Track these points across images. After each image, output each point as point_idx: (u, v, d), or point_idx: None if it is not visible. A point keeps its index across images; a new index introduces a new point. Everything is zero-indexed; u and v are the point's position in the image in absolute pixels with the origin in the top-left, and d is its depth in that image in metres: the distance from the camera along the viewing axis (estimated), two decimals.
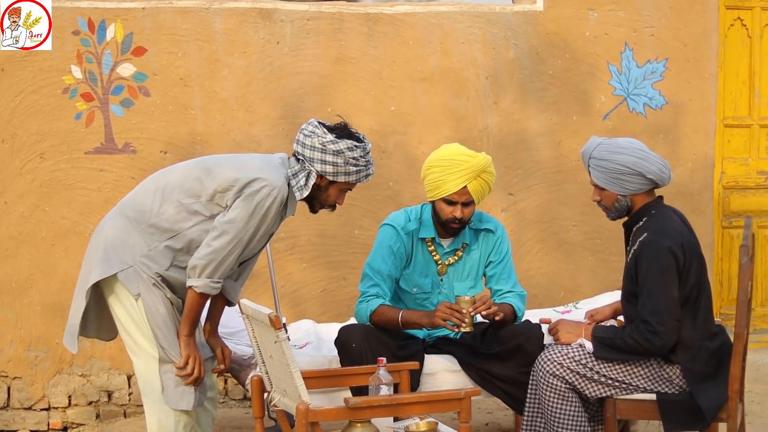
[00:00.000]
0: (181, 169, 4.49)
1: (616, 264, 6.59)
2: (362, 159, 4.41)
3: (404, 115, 6.46)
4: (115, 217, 4.45)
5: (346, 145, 4.37)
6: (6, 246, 6.24)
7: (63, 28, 6.19)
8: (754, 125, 6.96)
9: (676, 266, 4.39)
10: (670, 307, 4.38)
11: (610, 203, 4.59)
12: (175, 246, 4.37)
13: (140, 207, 4.41)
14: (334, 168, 4.39)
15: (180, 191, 4.39)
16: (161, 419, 4.40)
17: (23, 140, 6.23)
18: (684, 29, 6.67)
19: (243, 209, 4.30)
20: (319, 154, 4.38)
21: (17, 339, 6.27)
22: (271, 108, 6.38)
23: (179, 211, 4.37)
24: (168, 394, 4.37)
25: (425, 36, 6.47)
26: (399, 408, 4.18)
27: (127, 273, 4.35)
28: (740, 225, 6.90)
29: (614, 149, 4.53)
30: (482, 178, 4.89)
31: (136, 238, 4.38)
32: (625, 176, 4.50)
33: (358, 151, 4.40)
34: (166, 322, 4.37)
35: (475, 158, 4.88)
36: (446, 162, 4.89)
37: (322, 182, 4.44)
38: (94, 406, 6.35)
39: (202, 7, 6.31)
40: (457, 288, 5.05)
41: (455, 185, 4.85)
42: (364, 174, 4.46)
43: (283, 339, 4.02)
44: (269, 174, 4.33)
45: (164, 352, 4.36)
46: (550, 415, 4.55)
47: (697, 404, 4.42)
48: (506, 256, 5.09)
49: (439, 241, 5.03)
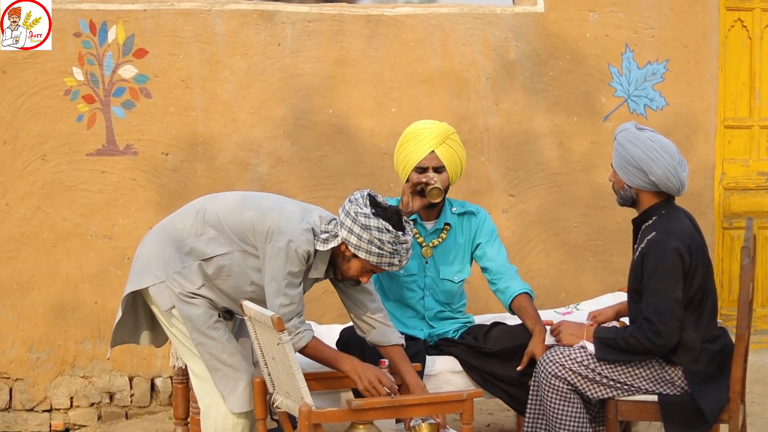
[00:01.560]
0: (228, 199, 4.54)
1: (618, 265, 6.60)
2: (389, 245, 4.30)
3: (405, 117, 6.46)
4: (157, 231, 4.55)
5: (377, 224, 4.29)
6: (8, 248, 6.25)
7: (64, 30, 6.20)
8: (755, 126, 6.97)
9: (681, 267, 4.39)
10: (672, 308, 4.38)
11: (618, 187, 4.62)
12: (207, 270, 4.44)
13: (181, 225, 4.48)
14: (358, 241, 4.31)
15: (219, 219, 4.43)
16: (219, 425, 4.46)
17: (25, 142, 6.24)
18: (684, 30, 6.68)
19: (275, 258, 4.33)
20: (349, 222, 4.33)
21: (19, 340, 6.28)
22: (272, 110, 6.38)
23: (215, 238, 4.42)
24: (229, 399, 4.43)
25: (426, 38, 6.47)
26: (401, 410, 4.19)
27: (159, 288, 4.43)
28: (741, 226, 6.91)
29: (632, 139, 4.52)
30: (448, 144, 4.92)
31: (172, 254, 4.44)
32: (630, 168, 4.51)
33: (388, 236, 4.29)
34: (208, 324, 4.42)
35: (437, 125, 4.97)
36: (410, 135, 4.96)
37: (347, 252, 4.39)
38: (96, 407, 6.35)
39: (204, 9, 6.31)
40: (443, 271, 5.04)
41: (423, 151, 4.89)
42: (386, 261, 4.35)
43: (285, 341, 4.03)
44: (295, 227, 4.33)
45: (214, 359, 4.41)
46: (551, 416, 4.56)
47: (698, 406, 4.42)
48: (493, 234, 5.08)
49: (421, 222, 5.05)
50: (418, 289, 5.04)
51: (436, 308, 5.06)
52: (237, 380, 4.43)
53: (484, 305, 6.35)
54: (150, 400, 6.38)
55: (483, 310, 6.24)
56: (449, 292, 5.07)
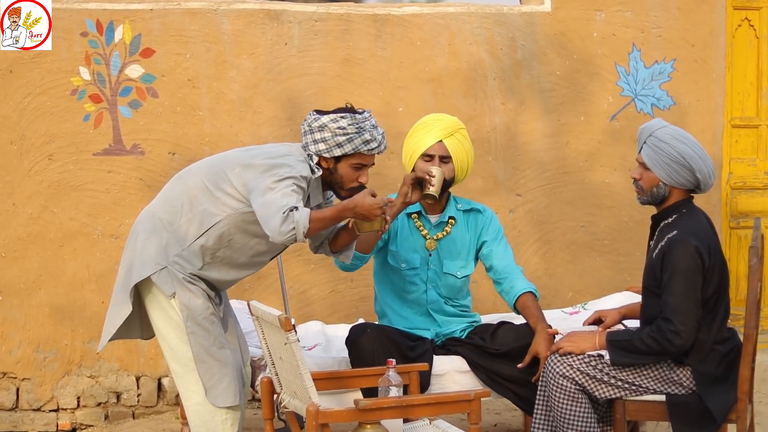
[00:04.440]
0: (203, 163, 4.54)
1: (625, 264, 6.59)
2: (350, 127, 4.39)
3: (412, 116, 6.44)
4: (146, 219, 4.51)
5: (329, 118, 4.40)
6: (14, 247, 6.25)
7: (71, 29, 6.20)
8: (762, 126, 6.96)
9: (702, 267, 4.36)
10: (692, 307, 4.35)
11: (649, 186, 4.51)
12: (207, 243, 4.43)
13: (170, 208, 4.46)
14: (325, 144, 4.40)
15: (205, 184, 4.42)
16: (207, 421, 4.43)
17: (31, 142, 6.24)
18: (691, 30, 6.67)
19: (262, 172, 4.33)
20: (309, 136, 4.44)
21: (26, 340, 6.28)
22: (279, 109, 6.38)
23: (206, 208, 4.41)
24: (212, 393, 4.41)
25: (433, 37, 6.47)
26: (408, 409, 4.18)
27: (161, 274, 4.41)
28: (747, 225, 6.90)
29: (679, 137, 4.46)
30: (457, 137, 4.95)
31: (169, 238, 4.43)
32: (678, 166, 4.44)
33: (344, 121, 4.39)
34: (204, 315, 4.42)
35: (448, 117, 5.03)
36: (421, 125, 5.00)
37: (329, 164, 4.45)
38: (103, 407, 6.36)
39: (210, 9, 6.31)
40: (446, 265, 5.03)
41: (432, 140, 4.92)
42: (359, 141, 4.42)
43: (293, 341, 4.03)
44: (291, 158, 4.38)
45: (203, 350, 4.40)
46: (559, 416, 4.55)
47: (706, 406, 4.41)
48: (499, 233, 5.08)
49: (425, 215, 5.05)
50: (420, 282, 5.03)
51: (439, 301, 5.05)
52: (222, 374, 4.42)
53: (491, 305, 6.34)
54: (157, 400, 6.39)
55: (490, 309, 6.23)
56: (452, 287, 5.06)
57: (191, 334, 4.41)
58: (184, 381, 4.47)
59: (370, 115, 4.51)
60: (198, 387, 4.43)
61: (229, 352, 4.47)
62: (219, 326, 4.49)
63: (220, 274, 4.49)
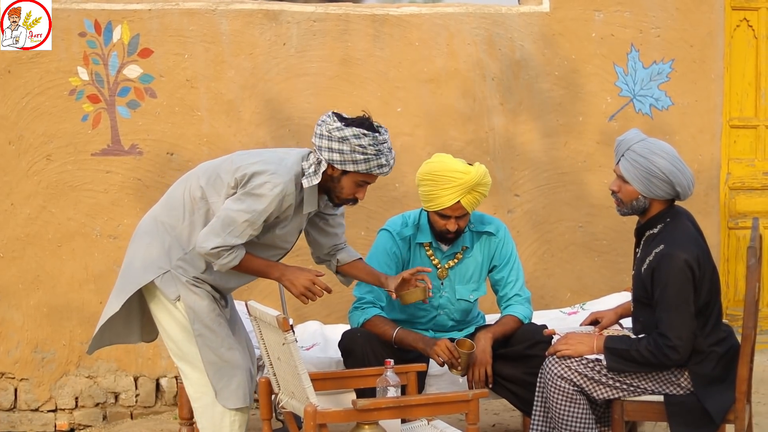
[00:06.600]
0: (202, 166, 4.55)
1: (623, 265, 6.59)
2: (371, 148, 4.34)
3: (411, 117, 6.46)
4: (149, 222, 4.52)
5: (352, 132, 4.34)
6: (12, 248, 6.25)
7: (69, 29, 6.20)
8: (761, 126, 6.96)
9: (692, 280, 4.36)
10: (687, 321, 4.35)
11: (628, 199, 4.49)
12: None
13: (173, 212, 4.47)
14: (341, 156, 4.35)
15: (207, 189, 4.43)
16: (215, 422, 4.43)
17: (30, 142, 6.24)
18: (690, 30, 6.67)
19: (239, 197, 4.33)
20: (326, 142, 4.36)
21: (24, 341, 6.28)
22: (277, 109, 6.38)
23: (206, 212, 4.41)
24: (222, 395, 4.41)
25: (431, 37, 6.47)
26: (406, 410, 4.18)
27: (164, 278, 4.41)
28: (746, 226, 6.90)
29: (657, 150, 4.41)
30: (476, 191, 4.79)
31: (171, 241, 4.43)
32: (657, 180, 4.41)
33: (366, 139, 4.34)
34: (210, 317, 4.42)
35: (468, 174, 4.74)
36: (438, 177, 4.77)
37: (335, 173, 4.41)
38: (101, 407, 6.35)
39: (209, 9, 6.31)
40: (459, 291, 5.02)
41: (448, 200, 4.77)
42: (375, 164, 4.38)
43: (291, 341, 4.03)
44: (276, 168, 4.33)
45: (212, 352, 4.40)
46: (557, 416, 4.55)
47: (704, 406, 4.41)
48: (511, 257, 5.04)
49: (437, 245, 4.99)
50: (431, 309, 5.02)
51: (448, 325, 5.05)
52: (231, 376, 4.42)
53: (491, 305, 6.32)
54: (155, 400, 6.38)
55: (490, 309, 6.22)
56: (464, 311, 5.07)
57: (199, 336, 4.41)
58: (192, 381, 4.47)
59: (388, 135, 4.45)
60: (207, 388, 4.43)
61: (239, 353, 4.47)
62: (226, 327, 4.48)
63: (222, 279, 4.48)
